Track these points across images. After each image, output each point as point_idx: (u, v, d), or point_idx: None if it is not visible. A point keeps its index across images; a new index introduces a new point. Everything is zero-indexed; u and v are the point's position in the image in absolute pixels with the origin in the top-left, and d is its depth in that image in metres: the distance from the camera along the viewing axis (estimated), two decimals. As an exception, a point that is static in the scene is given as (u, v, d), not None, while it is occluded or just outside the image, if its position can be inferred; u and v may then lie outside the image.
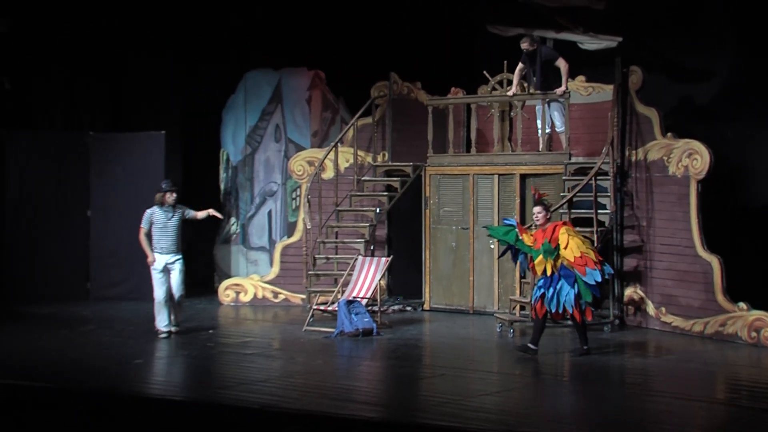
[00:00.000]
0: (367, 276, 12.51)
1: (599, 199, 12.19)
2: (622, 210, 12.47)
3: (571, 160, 12.83)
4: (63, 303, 13.95)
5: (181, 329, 11.85)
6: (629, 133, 12.52)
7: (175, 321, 11.79)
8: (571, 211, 12.03)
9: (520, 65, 13.23)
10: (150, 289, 11.81)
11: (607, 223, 12.30)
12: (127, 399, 8.67)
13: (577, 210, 12.21)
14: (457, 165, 13.68)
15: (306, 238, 13.64)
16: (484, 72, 14.07)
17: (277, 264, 14.28)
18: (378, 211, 13.86)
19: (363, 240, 13.62)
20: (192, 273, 14.39)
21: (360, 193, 14.04)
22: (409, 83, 14.40)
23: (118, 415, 8.34)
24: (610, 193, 12.26)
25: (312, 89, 15.29)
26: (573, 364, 10.43)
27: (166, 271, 11.67)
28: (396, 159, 14.20)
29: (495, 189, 13.23)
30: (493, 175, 13.30)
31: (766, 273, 11.89)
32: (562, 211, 12.10)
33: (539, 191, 10.84)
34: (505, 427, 7.68)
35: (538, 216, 10.44)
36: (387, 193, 13.94)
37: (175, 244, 11.74)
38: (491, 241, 12.68)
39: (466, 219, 13.42)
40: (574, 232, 10.37)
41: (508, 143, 14.05)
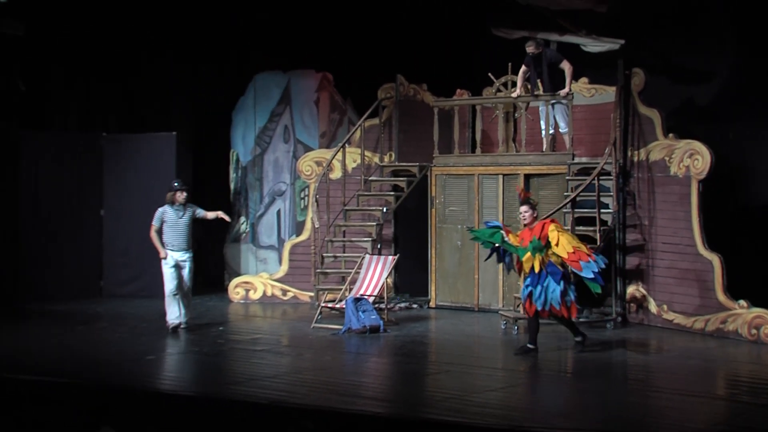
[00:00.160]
0: (374, 274, 12.52)
1: (602, 199, 12.19)
2: (625, 209, 12.45)
3: (575, 161, 12.82)
4: (77, 300, 13.98)
5: (191, 326, 11.88)
6: (631, 134, 12.51)
7: (185, 315, 11.82)
8: (575, 210, 12.03)
9: (523, 68, 13.21)
10: (161, 286, 11.84)
11: (609, 222, 12.29)
12: (139, 394, 8.69)
13: (581, 209, 12.21)
14: (462, 165, 13.67)
15: (314, 236, 13.65)
16: (489, 74, 14.06)
17: (286, 262, 14.30)
18: (385, 210, 13.87)
19: (370, 239, 13.63)
20: (202, 271, 14.49)
21: (367, 193, 14.05)
22: (415, 85, 14.41)
23: (131, 410, 8.35)
24: (612, 193, 12.25)
25: (320, 91, 15.29)
26: (576, 361, 10.43)
27: (177, 266, 11.74)
28: (402, 159, 14.20)
29: (500, 189, 13.23)
30: (498, 175, 13.29)
31: (766, 271, 11.85)
32: (566, 210, 12.10)
33: (524, 191, 10.82)
34: (509, 423, 7.67)
35: (524, 215, 10.41)
36: (393, 193, 13.95)
37: (186, 241, 11.81)
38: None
39: (471, 218, 13.41)
40: (562, 228, 10.36)
41: (513, 144, 14.04)
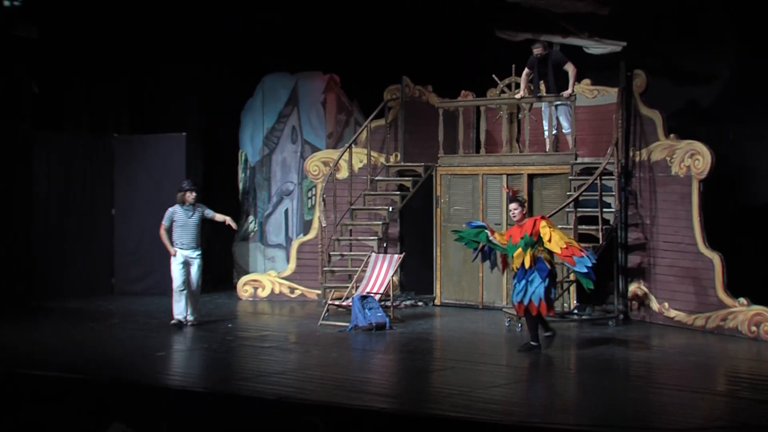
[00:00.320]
0: (380, 272, 12.51)
1: (604, 198, 12.18)
2: (627, 208, 12.44)
3: (577, 161, 12.80)
4: (89, 298, 14.01)
5: (200, 323, 11.90)
6: (633, 135, 12.49)
7: (192, 313, 11.85)
8: (577, 209, 12.02)
9: (526, 70, 13.20)
10: (171, 283, 11.87)
11: (611, 221, 12.28)
12: (150, 390, 8.70)
13: (583, 208, 12.19)
14: (466, 165, 13.67)
15: (321, 235, 13.65)
16: (493, 76, 14.05)
17: (294, 260, 14.31)
18: (390, 209, 13.86)
19: (376, 237, 13.63)
20: (212, 269, 14.49)
21: (373, 193, 14.04)
22: (420, 86, 14.40)
23: (142, 406, 8.36)
24: (614, 192, 12.25)
25: (327, 92, 15.30)
26: (578, 358, 10.43)
27: (186, 264, 11.80)
28: (408, 159, 14.20)
29: (518, 188, 13.19)
30: (502, 175, 13.27)
31: (765, 270, 11.83)
32: (569, 209, 12.09)
33: (513, 189, 10.78)
34: (513, 418, 7.67)
35: (514, 212, 10.34)
36: (399, 193, 13.94)
37: (195, 240, 11.87)
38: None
39: (475, 217, 13.37)
40: (553, 225, 10.34)
41: (516, 144, 14.02)
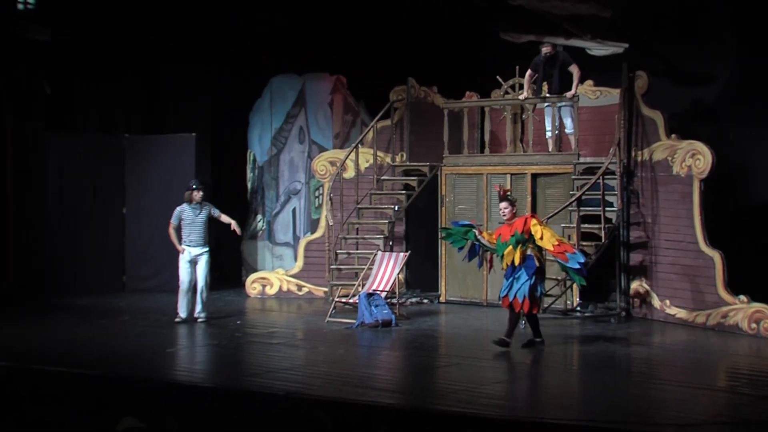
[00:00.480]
0: (386, 270, 12.52)
1: (607, 197, 12.18)
2: (629, 207, 12.43)
3: (580, 160, 12.80)
4: (100, 295, 14.03)
5: (210, 320, 11.93)
6: (635, 135, 12.47)
7: (202, 310, 11.91)
8: (580, 208, 12.02)
9: (529, 71, 13.23)
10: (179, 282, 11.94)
11: (614, 220, 12.28)
12: (160, 385, 8.72)
13: (586, 207, 12.19)
14: (471, 165, 13.67)
15: (328, 234, 13.66)
16: (497, 77, 14.05)
17: (301, 259, 14.32)
18: (396, 208, 13.87)
19: (382, 236, 13.63)
20: (221, 267, 14.53)
21: (379, 192, 14.05)
22: (426, 87, 14.40)
23: (152, 401, 8.38)
24: (617, 192, 12.25)
25: (334, 93, 15.30)
26: (581, 354, 10.43)
27: (194, 263, 11.90)
28: (413, 159, 14.20)
29: (508, 188, 13.20)
30: (506, 175, 13.27)
31: (765, 268, 11.81)
32: (572, 208, 12.09)
33: (503, 188, 10.75)
34: (517, 413, 7.68)
35: (504, 211, 10.30)
36: (405, 192, 13.95)
37: (203, 238, 11.97)
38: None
39: (480, 216, 13.39)
40: (543, 223, 10.34)
41: (520, 144, 14.02)
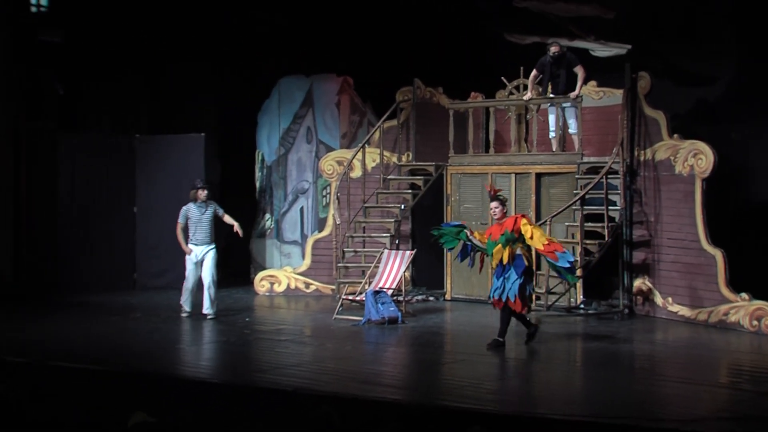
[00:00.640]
0: (393, 268, 12.52)
1: (610, 196, 12.18)
2: (632, 206, 12.42)
3: (584, 160, 12.79)
4: (112, 292, 14.06)
5: (219, 316, 11.96)
6: (638, 135, 12.46)
7: (210, 307, 11.96)
8: (584, 207, 12.02)
9: (534, 72, 13.22)
10: (187, 280, 12.01)
11: (617, 219, 12.27)
12: (170, 381, 8.74)
13: (589, 206, 12.19)
14: (476, 164, 13.67)
15: (335, 232, 13.68)
16: (502, 78, 14.03)
17: (309, 257, 14.34)
18: (402, 207, 13.88)
19: (389, 234, 13.64)
20: (230, 265, 14.57)
21: (386, 191, 14.06)
22: (431, 88, 14.41)
23: (163, 396, 8.40)
24: (620, 191, 12.24)
25: (341, 94, 15.31)
26: (584, 351, 10.43)
27: (200, 262, 11.98)
28: (419, 159, 14.21)
29: (512, 187, 13.21)
30: (511, 174, 13.27)
31: (766, 265, 11.80)
32: (575, 207, 12.09)
33: (494, 188, 10.74)
34: (521, 409, 7.69)
35: (495, 211, 10.22)
36: (411, 191, 13.95)
37: (209, 236, 12.05)
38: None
39: (485, 215, 13.38)
40: (533, 223, 10.32)
41: (524, 144, 14.02)
